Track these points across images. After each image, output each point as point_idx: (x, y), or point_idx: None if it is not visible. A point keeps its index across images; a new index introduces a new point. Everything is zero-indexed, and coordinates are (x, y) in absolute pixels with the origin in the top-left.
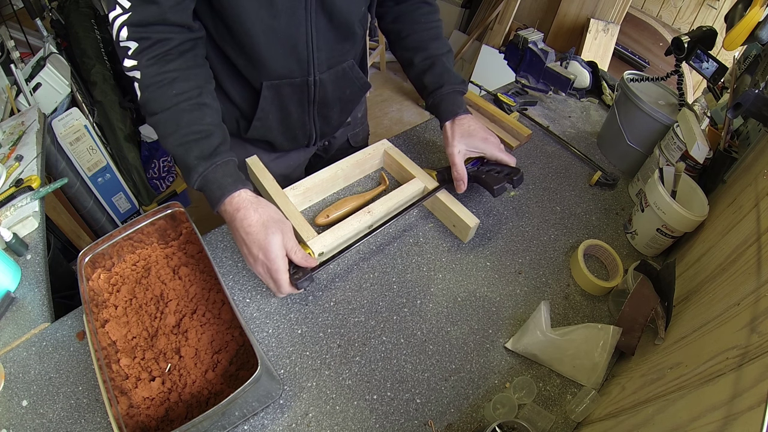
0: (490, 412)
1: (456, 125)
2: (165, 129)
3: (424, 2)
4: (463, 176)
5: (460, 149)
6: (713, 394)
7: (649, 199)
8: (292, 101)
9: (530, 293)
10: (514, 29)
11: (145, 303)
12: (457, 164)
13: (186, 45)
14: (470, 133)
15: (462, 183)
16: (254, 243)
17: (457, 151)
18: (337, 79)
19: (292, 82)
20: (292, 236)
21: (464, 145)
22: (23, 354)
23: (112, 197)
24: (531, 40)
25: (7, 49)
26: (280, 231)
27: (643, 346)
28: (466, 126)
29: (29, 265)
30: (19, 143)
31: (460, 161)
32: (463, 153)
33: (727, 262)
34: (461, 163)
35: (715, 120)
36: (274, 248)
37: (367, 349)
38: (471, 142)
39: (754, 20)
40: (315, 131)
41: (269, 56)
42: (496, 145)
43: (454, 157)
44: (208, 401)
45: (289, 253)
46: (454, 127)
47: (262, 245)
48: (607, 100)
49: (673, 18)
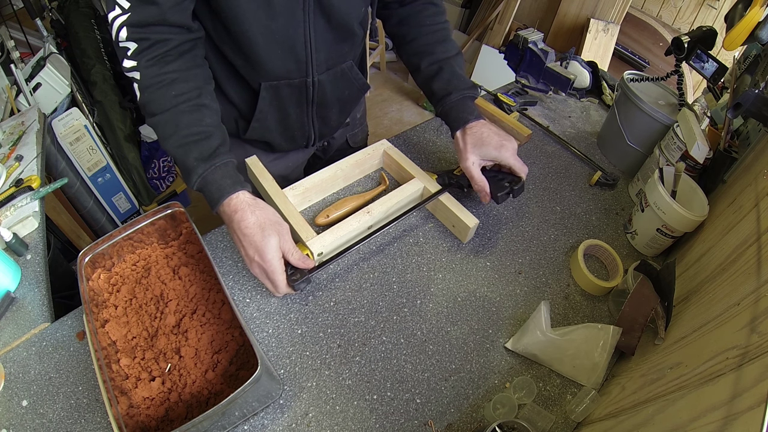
0: (490, 412)
1: (467, 134)
2: (165, 130)
3: (430, 3)
4: (484, 187)
5: (473, 161)
6: (713, 394)
7: (649, 199)
8: (291, 102)
9: (530, 293)
10: (514, 29)
11: (145, 303)
12: (475, 177)
13: (185, 46)
14: (483, 142)
15: (485, 194)
16: (251, 245)
17: (471, 163)
18: (335, 80)
19: (290, 82)
20: (289, 238)
21: (477, 155)
22: (23, 354)
23: (112, 197)
24: (531, 40)
25: (7, 49)
26: (277, 233)
27: (643, 346)
28: (478, 134)
29: (29, 265)
30: (19, 143)
31: (477, 173)
32: (478, 164)
33: (727, 262)
34: (479, 174)
35: (715, 120)
36: (270, 250)
37: (367, 349)
38: (484, 151)
39: (754, 20)
40: (314, 132)
41: (267, 57)
42: (512, 151)
43: (470, 171)
44: (208, 401)
45: (286, 255)
46: (465, 138)
47: (258, 247)
48: (607, 100)
49: (673, 18)
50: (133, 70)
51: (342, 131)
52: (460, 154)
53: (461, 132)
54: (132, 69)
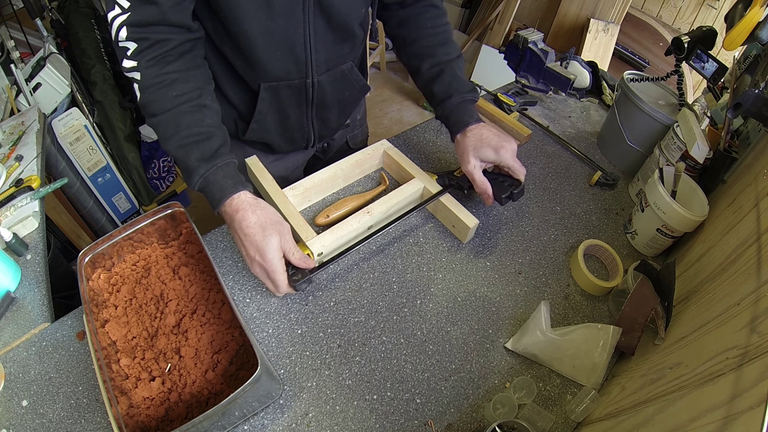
0: (490, 412)
1: (468, 138)
2: (165, 131)
3: (431, 5)
4: (486, 189)
5: (474, 164)
6: (713, 394)
7: (649, 199)
8: (290, 103)
9: (530, 293)
10: (514, 29)
11: (145, 303)
12: (477, 180)
13: (185, 46)
14: (482, 144)
15: (488, 197)
16: (251, 245)
17: (472, 166)
18: (335, 81)
19: (290, 83)
20: (290, 238)
21: (477, 159)
22: (23, 354)
23: (112, 197)
24: (531, 40)
25: (7, 49)
26: (278, 233)
27: (643, 346)
28: (478, 136)
29: (29, 265)
30: (19, 143)
31: (479, 175)
32: (479, 167)
33: (727, 262)
34: (481, 177)
35: (715, 120)
36: (271, 250)
37: (367, 349)
38: (483, 153)
39: (754, 20)
40: (313, 133)
41: (267, 58)
42: (511, 153)
43: (472, 174)
44: (208, 401)
45: (287, 255)
46: (465, 141)
47: (259, 247)
48: (607, 100)
49: (673, 18)
50: (133, 70)
51: (342, 132)
52: (461, 158)
53: (461, 135)
54: (132, 69)
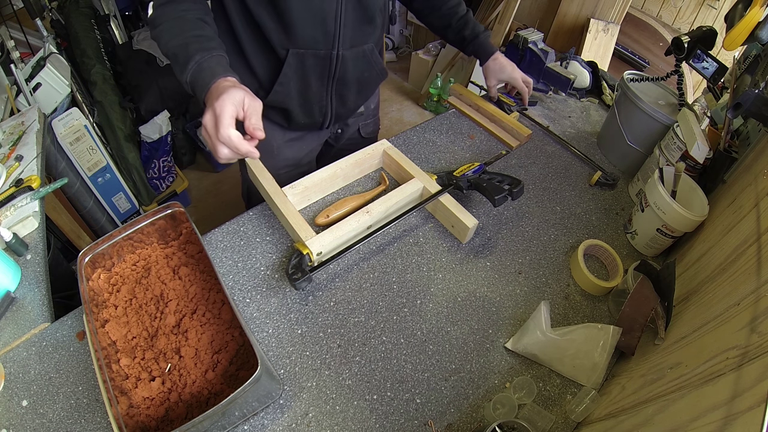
0: (490, 412)
1: (492, 64)
2: (169, 34)
3: None
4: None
5: (494, 83)
6: (713, 394)
7: (649, 199)
8: (314, 73)
9: (530, 293)
10: (514, 29)
11: (145, 303)
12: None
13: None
14: (501, 69)
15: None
16: (213, 95)
17: (493, 84)
18: (357, 58)
19: (316, 53)
20: (258, 106)
21: (496, 80)
22: (23, 354)
23: (112, 197)
24: (531, 40)
25: (7, 49)
26: (244, 92)
27: (643, 346)
28: (499, 63)
29: (29, 265)
30: (19, 143)
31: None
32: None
33: (727, 262)
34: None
35: (715, 120)
36: (231, 96)
37: (367, 349)
38: (502, 75)
39: (754, 20)
40: (330, 109)
41: (300, 23)
42: (519, 74)
43: (492, 90)
44: (208, 401)
45: (246, 117)
46: (490, 66)
47: (220, 95)
48: (607, 100)
49: (673, 18)
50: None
51: (355, 120)
52: (486, 79)
53: (491, 60)
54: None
